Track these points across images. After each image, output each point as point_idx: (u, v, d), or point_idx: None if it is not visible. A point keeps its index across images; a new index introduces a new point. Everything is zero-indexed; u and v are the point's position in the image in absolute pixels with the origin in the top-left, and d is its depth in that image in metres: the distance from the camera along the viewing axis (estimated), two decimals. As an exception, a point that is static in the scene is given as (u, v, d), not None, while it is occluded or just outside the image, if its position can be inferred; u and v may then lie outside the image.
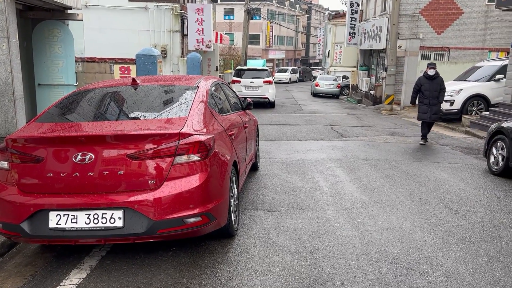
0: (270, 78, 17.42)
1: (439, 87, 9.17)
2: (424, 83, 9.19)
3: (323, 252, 3.70)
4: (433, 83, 9.13)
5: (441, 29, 20.10)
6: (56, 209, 3.13)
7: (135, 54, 9.05)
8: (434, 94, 9.13)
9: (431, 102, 9.14)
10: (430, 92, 9.13)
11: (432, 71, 9.14)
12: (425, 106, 9.21)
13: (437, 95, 9.16)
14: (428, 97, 9.15)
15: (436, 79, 9.15)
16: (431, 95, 9.13)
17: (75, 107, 3.84)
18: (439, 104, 9.30)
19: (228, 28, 47.92)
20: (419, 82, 9.31)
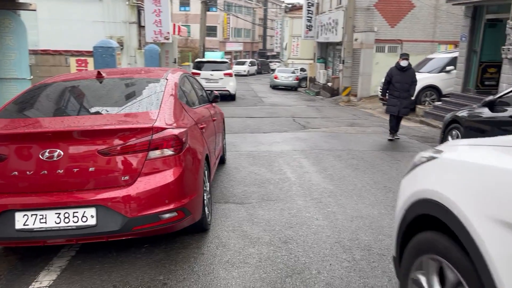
0: (230, 71, 17.35)
1: (410, 80, 8.65)
2: (395, 74, 8.70)
3: (298, 242, 3.75)
4: (405, 75, 8.63)
5: (394, 22, 20.75)
6: (23, 209, 2.97)
7: (93, 46, 8.70)
8: (405, 86, 8.59)
9: (401, 95, 8.61)
10: (401, 84, 8.59)
11: (405, 62, 8.65)
12: (394, 98, 8.70)
13: (408, 88, 8.62)
14: (398, 90, 8.61)
15: (408, 71, 8.69)
16: (402, 87, 8.59)
17: (37, 102, 3.65)
18: (410, 98, 8.79)
19: (184, 20, 47.10)
20: (390, 73, 8.81)
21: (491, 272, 1.48)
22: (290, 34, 39.45)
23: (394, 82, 8.66)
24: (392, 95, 8.77)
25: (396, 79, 8.66)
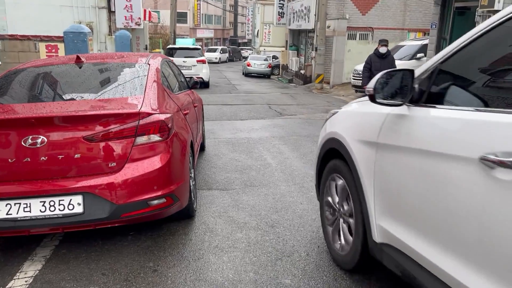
0: (203, 58, 17.15)
1: (390, 66, 8.21)
2: (375, 62, 8.48)
3: (284, 226, 3.80)
4: (385, 62, 8.35)
5: (365, 9, 21.00)
6: (5, 198, 2.87)
7: (63, 31, 8.39)
8: None
9: None
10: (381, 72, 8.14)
11: (383, 49, 8.46)
12: None
13: None
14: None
15: (387, 57, 8.51)
16: None
17: (16, 87, 3.50)
18: None
19: (153, 6, 46.05)
20: (369, 61, 8.59)
21: (357, 168, 2.61)
22: (261, 21, 39.25)
23: (374, 70, 8.35)
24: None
25: (376, 66, 8.39)
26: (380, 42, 8.58)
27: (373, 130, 2.49)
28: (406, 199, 2.18)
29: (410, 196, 2.13)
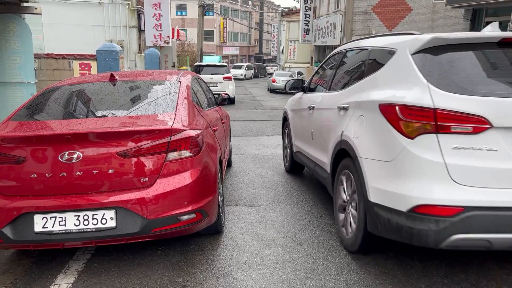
0: (229, 74, 17.38)
1: None
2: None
3: (313, 244, 3.75)
4: None
5: (392, 25, 20.90)
6: (42, 211, 2.95)
7: (96, 50, 8.69)
8: None
9: None
10: None
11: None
12: None
13: None
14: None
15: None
16: None
17: (52, 104, 3.63)
18: None
19: (181, 24, 47.18)
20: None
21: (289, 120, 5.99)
22: (286, 38, 39.59)
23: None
24: None
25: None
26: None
27: (293, 103, 5.88)
28: (299, 129, 5.38)
29: (300, 128, 5.33)
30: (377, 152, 3.07)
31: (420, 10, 20.52)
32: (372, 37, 4.13)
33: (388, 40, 3.56)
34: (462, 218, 2.58)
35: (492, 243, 2.63)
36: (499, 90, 2.78)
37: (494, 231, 2.60)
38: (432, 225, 2.63)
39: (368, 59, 3.77)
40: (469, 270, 3.26)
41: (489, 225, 2.59)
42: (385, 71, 3.33)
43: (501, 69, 2.96)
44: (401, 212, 2.78)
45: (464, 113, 2.65)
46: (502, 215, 2.59)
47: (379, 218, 2.98)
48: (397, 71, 3.17)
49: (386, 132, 2.97)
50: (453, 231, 2.61)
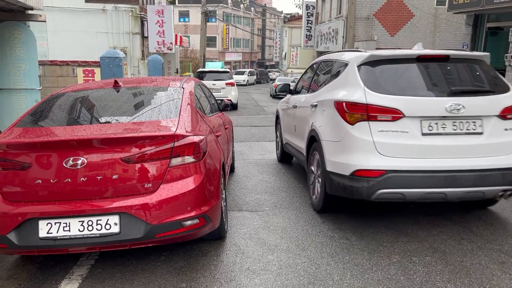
0: (232, 80, 17.45)
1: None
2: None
3: (316, 249, 3.76)
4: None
5: (394, 31, 20.95)
6: (47, 217, 2.98)
7: (99, 57, 8.76)
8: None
9: None
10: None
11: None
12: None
13: None
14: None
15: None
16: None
17: (56, 110, 3.67)
18: None
19: (183, 31, 47.42)
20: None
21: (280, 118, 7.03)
22: (289, 43, 39.75)
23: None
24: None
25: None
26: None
27: (282, 103, 6.85)
28: (287, 125, 6.34)
29: (287, 123, 6.32)
30: (331, 135, 4.25)
31: (422, 16, 20.58)
32: (338, 51, 5.32)
33: (346, 55, 4.67)
34: (384, 178, 3.74)
35: (405, 195, 3.80)
36: (410, 91, 3.95)
37: (406, 187, 3.75)
38: (365, 183, 3.80)
39: (332, 68, 4.95)
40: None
41: (402, 183, 3.75)
42: (341, 77, 4.49)
43: (415, 76, 4.13)
44: (346, 176, 3.96)
45: (386, 107, 3.84)
46: (411, 176, 3.75)
47: (333, 182, 4.15)
48: (347, 77, 4.32)
49: (337, 121, 4.14)
50: (379, 187, 3.76)
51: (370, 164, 3.80)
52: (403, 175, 3.74)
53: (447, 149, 3.84)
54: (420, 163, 3.77)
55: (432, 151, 3.81)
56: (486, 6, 10.59)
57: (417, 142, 3.79)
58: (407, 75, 4.11)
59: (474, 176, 3.80)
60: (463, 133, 3.89)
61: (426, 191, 3.78)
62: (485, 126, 3.91)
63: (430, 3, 20.57)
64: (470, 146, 3.87)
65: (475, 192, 3.84)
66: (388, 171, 3.75)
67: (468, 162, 3.82)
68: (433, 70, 4.23)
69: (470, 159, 3.84)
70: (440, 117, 3.84)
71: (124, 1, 14.69)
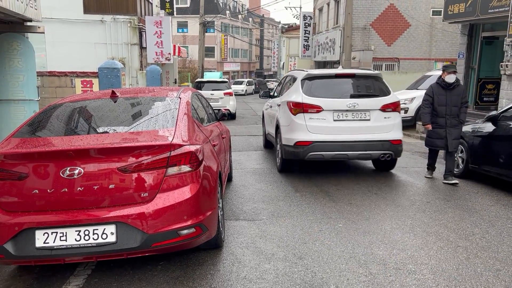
0: (230, 90, 17.51)
1: (459, 100, 6.41)
2: (439, 94, 6.42)
3: (313, 258, 3.77)
4: (453, 95, 6.38)
5: (391, 40, 21.14)
6: (43, 227, 2.99)
7: (98, 67, 8.81)
8: (454, 110, 6.36)
9: (449, 122, 6.38)
10: (448, 107, 6.36)
11: (451, 77, 6.36)
12: (439, 128, 6.45)
13: (457, 112, 6.39)
14: (444, 115, 6.37)
15: (456, 88, 6.42)
16: (449, 111, 6.36)
17: (54, 121, 3.70)
18: (461, 126, 6.49)
19: (182, 41, 47.70)
20: (430, 93, 6.50)
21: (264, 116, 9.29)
22: (287, 53, 39.99)
23: (438, 106, 6.42)
24: (436, 123, 6.50)
25: (440, 100, 6.42)
26: (446, 69, 6.44)
27: (265, 105, 9.34)
28: (267, 120, 8.79)
29: (267, 119, 8.79)
30: (284, 122, 6.79)
31: (418, 26, 20.78)
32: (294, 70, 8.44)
33: (296, 72, 7.50)
34: (311, 145, 6.28)
35: (324, 156, 6.37)
36: (328, 95, 6.46)
37: (324, 151, 6.31)
38: (301, 149, 6.33)
39: (290, 81, 7.56)
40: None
41: (322, 148, 6.28)
42: (292, 87, 7.02)
43: (332, 87, 6.64)
44: (291, 145, 6.47)
45: (313, 104, 6.34)
46: (327, 144, 6.26)
47: (285, 150, 6.66)
48: (295, 87, 6.84)
49: (287, 113, 6.64)
50: (309, 151, 6.31)
51: (304, 138, 6.35)
52: (322, 144, 6.31)
53: (348, 129, 6.40)
54: (332, 137, 6.32)
55: (339, 130, 6.36)
56: (480, 16, 10.71)
57: (330, 125, 6.37)
58: (327, 85, 6.68)
59: (364, 145, 6.36)
60: (357, 120, 6.45)
61: (335, 153, 6.38)
62: (371, 115, 6.47)
63: (426, 13, 20.79)
64: (362, 127, 6.42)
65: (365, 154, 6.50)
66: (313, 141, 6.32)
67: (361, 137, 6.36)
68: (344, 82, 6.80)
69: (362, 135, 6.38)
70: (344, 110, 6.40)
71: (123, 12, 14.81)
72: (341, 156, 6.41)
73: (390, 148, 6.47)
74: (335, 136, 6.30)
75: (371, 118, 6.42)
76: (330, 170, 7.41)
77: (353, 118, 6.39)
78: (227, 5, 54.35)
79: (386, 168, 7.35)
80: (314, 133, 6.29)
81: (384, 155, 6.52)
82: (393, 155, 6.60)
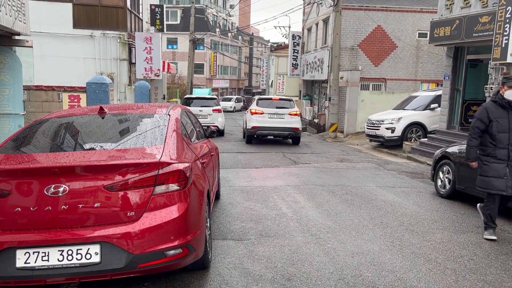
0: (219, 107, 17.53)
1: None
2: (499, 116, 4.86)
3: (301, 279, 3.71)
4: None
5: (378, 61, 21.45)
6: (25, 246, 2.89)
7: (86, 82, 8.74)
8: None
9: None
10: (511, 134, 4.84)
11: None
12: (500, 163, 4.87)
13: None
14: (507, 145, 4.83)
15: None
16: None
17: (39, 136, 3.62)
18: None
19: (171, 57, 47.82)
20: (485, 117, 4.91)
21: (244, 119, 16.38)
22: (275, 72, 40.29)
23: (498, 132, 4.84)
24: (493, 155, 4.90)
25: (502, 125, 4.84)
26: (507, 82, 4.87)
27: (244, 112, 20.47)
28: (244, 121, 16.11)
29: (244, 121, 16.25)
30: (248, 119, 14.48)
31: (405, 47, 21.17)
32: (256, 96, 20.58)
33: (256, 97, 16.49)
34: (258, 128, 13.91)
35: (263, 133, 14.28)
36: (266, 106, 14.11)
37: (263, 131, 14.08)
38: (253, 130, 13.99)
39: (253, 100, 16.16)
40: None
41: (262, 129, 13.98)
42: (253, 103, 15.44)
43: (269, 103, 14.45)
44: (250, 128, 14.07)
45: (259, 110, 13.93)
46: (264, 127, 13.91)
47: (248, 130, 14.28)
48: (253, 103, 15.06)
49: (249, 115, 14.29)
50: (257, 131, 14.02)
51: (255, 124, 13.78)
52: (262, 127, 13.76)
53: (274, 122, 13.82)
54: (266, 124, 13.74)
55: (270, 122, 13.77)
56: (465, 39, 10.95)
57: (266, 119, 13.79)
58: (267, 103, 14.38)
59: (281, 128, 13.91)
60: (279, 118, 13.84)
61: (268, 132, 13.98)
62: (285, 116, 13.86)
63: (412, 35, 21.20)
64: (280, 121, 13.85)
65: (282, 133, 14.16)
66: (259, 126, 13.73)
67: (280, 126, 13.86)
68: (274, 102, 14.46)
69: (280, 125, 13.86)
70: (273, 113, 13.81)
71: (113, 27, 14.80)
72: (270, 134, 14.27)
73: (293, 131, 14.07)
74: (268, 125, 13.82)
75: (284, 118, 13.92)
76: (318, 194, 7.39)
77: (277, 117, 13.90)
78: (217, 23, 54.85)
79: (294, 143, 14.88)
80: (259, 123, 13.78)
81: (290, 134, 14.24)
82: (294, 135, 14.24)
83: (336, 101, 19.28)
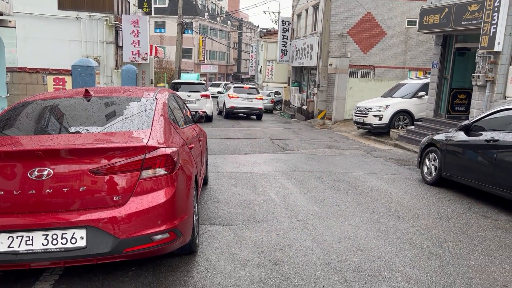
0: (207, 92, 17.40)
1: None
2: None
3: (288, 264, 3.73)
4: None
5: (367, 48, 21.44)
6: (8, 230, 2.84)
7: (71, 65, 8.56)
8: None
9: None
10: None
11: None
12: None
13: None
14: None
15: None
16: None
17: (23, 119, 3.54)
18: None
19: (159, 41, 47.17)
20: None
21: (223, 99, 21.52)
22: (264, 58, 40.04)
23: None
24: None
25: None
26: None
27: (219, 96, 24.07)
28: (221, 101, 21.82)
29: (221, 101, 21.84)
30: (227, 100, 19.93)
31: (394, 35, 21.17)
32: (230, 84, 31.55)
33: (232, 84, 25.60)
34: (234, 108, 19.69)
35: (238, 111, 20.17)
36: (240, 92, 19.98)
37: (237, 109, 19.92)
38: (231, 109, 19.73)
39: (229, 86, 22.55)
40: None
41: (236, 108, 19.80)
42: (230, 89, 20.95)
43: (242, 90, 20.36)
44: (228, 108, 19.69)
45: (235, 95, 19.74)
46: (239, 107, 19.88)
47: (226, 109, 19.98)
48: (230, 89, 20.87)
49: (227, 98, 19.89)
50: (234, 109, 19.73)
51: (232, 105, 19.47)
52: (237, 107, 19.54)
53: (246, 103, 19.59)
54: (240, 105, 19.55)
55: (243, 103, 19.56)
56: (454, 27, 10.98)
57: (240, 101, 19.47)
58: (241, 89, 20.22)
59: (250, 108, 19.80)
60: (249, 101, 19.66)
61: (241, 110, 19.78)
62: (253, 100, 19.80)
63: (402, 22, 21.20)
64: (250, 103, 19.67)
65: (250, 112, 20.19)
66: (235, 107, 19.45)
67: (249, 106, 19.73)
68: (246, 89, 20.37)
69: (250, 106, 19.72)
70: (245, 98, 19.54)
71: (99, 9, 14.49)
72: (242, 112, 19.80)
73: (258, 110, 19.90)
74: (241, 105, 19.35)
75: (252, 101, 19.45)
76: (306, 180, 7.41)
77: (248, 100, 19.41)
78: (205, 7, 54.12)
79: (258, 118, 20.35)
80: (235, 104, 19.23)
81: (256, 113, 20.08)
82: (259, 112, 20.02)
83: (324, 88, 19.29)
